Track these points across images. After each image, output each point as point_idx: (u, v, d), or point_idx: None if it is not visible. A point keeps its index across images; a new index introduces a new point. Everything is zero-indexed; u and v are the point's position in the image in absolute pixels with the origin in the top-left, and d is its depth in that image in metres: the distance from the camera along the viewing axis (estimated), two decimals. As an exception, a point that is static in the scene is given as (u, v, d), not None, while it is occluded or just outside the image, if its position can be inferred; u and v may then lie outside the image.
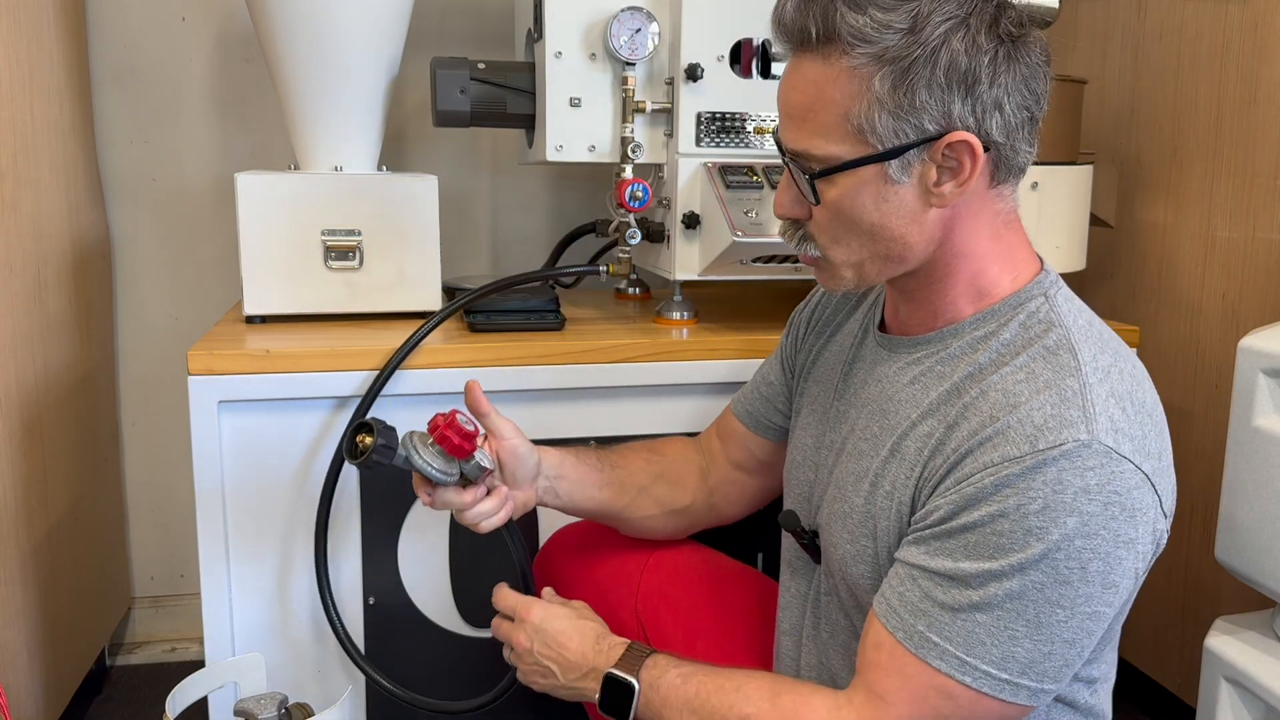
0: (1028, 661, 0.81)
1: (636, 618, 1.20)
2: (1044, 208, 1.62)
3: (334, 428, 1.34)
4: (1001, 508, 0.79)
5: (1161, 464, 0.83)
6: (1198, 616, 1.74)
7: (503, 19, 1.96)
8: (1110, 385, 0.83)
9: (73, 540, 1.70)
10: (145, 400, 1.98)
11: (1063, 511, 0.77)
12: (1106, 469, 0.78)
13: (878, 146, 0.83)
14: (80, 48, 1.80)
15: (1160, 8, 1.78)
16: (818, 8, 0.83)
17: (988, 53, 0.81)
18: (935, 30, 0.80)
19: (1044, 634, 0.80)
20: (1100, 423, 0.79)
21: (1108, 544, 0.78)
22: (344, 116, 1.52)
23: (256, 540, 1.34)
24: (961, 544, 0.81)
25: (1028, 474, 0.78)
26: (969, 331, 0.90)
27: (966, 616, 0.81)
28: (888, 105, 0.82)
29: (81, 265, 1.76)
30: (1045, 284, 0.90)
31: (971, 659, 0.81)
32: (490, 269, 2.08)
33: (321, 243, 1.46)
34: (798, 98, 0.86)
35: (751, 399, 1.19)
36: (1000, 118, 0.84)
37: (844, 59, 0.82)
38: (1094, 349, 0.85)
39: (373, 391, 1.30)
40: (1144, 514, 0.80)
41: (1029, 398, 0.82)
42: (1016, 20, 0.84)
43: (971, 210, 0.88)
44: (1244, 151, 1.62)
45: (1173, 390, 1.78)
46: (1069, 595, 0.79)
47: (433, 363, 1.34)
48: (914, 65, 0.81)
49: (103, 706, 1.87)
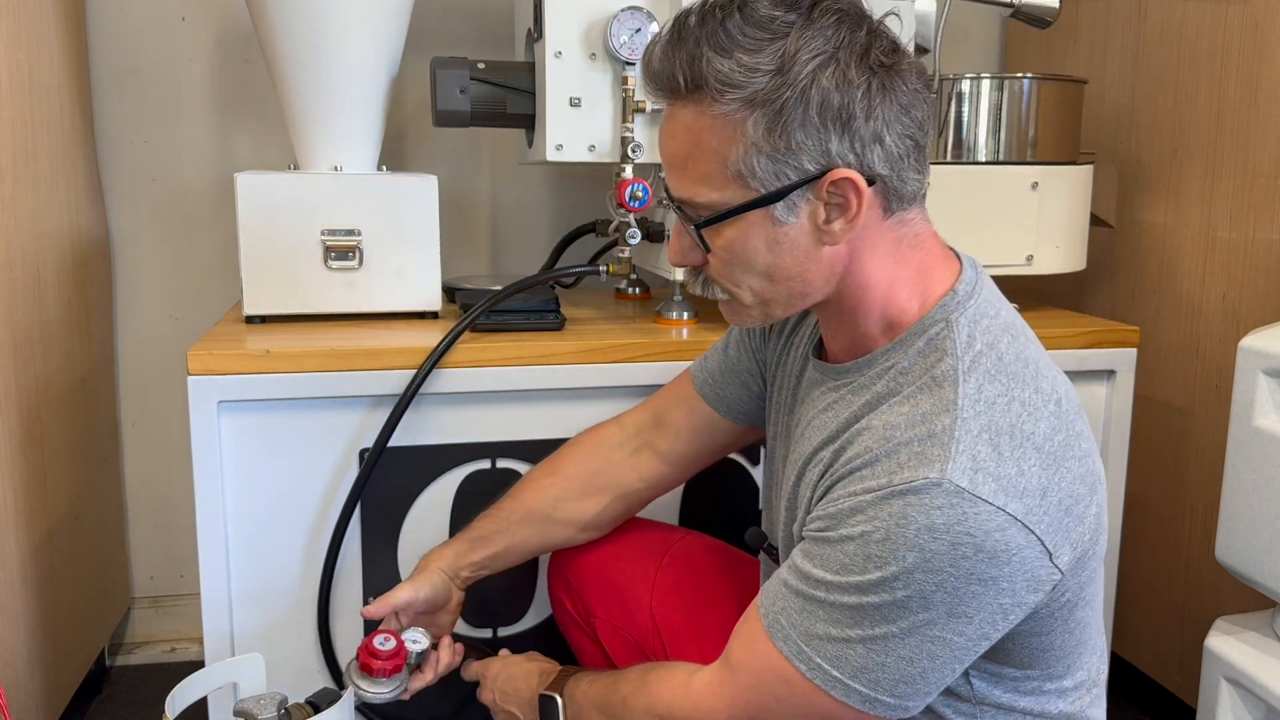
0: (860, 667, 0.81)
1: (651, 615, 1.20)
2: (1044, 208, 1.62)
3: (334, 428, 1.34)
4: (850, 531, 0.81)
5: (1046, 500, 0.79)
6: (1198, 616, 1.74)
7: (503, 19, 1.96)
8: (989, 419, 0.80)
9: (73, 540, 1.70)
10: (145, 400, 1.98)
11: (903, 546, 0.77)
12: (956, 509, 0.77)
13: (760, 190, 0.83)
14: (80, 48, 1.80)
15: (1160, 8, 1.78)
16: (684, 55, 0.82)
17: (860, 86, 0.80)
18: (804, 69, 0.79)
19: (877, 646, 0.81)
20: (959, 461, 0.78)
21: (956, 580, 0.78)
22: (344, 116, 1.52)
23: (256, 540, 1.34)
24: (819, 553, 0.83)
25: (876, 504, 0.79)
26: (880, 362, 0.89)
27: (811, 610, 0.83)
28: (764, 149, 0.81)
29: (81, 265, 1.76)
30: (950, 306, 0.88)
31: (808, 649, 0.83)
32: (490, 269, 2.08)
33: (321, 243, 1.46)
34: (675, 146, 0.86)
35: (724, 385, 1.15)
36: (881, 150, 0.82)
37: (715, 106, 0.81)
38: (981, 379, 0.83)
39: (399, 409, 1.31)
40: (1011, 555, 0.78)
41: (904, 431, 0.82)
42: (887, 49, 0.82)
43: (869, 242, 0.87)
44: (1244, 151, 1.62)
45: (1173, 390, 1.78)
46: (906, 618, 0.79)
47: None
48: (785, 107, 0.79)
49: (103, 706, 1.87)
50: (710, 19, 0.81)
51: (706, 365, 1.17)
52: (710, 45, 0.80)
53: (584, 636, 1.29)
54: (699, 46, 0.81)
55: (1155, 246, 1.81)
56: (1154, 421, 1.81)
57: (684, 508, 1.46)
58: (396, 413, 1.31)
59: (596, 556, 1.26)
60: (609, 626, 1.24)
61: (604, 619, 1.24)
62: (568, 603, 1.30)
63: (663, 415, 1.19)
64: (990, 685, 0.90)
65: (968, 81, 1.62)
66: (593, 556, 1.26)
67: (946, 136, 1.64)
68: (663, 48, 0.84)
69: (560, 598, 1.32)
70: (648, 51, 0.86)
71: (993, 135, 1.63)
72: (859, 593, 0.80)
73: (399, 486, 1.37)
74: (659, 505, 1.45)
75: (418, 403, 1.34)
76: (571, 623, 1.31)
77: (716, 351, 1.17)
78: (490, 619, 1.42)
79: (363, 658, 1.08)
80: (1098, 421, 1.58)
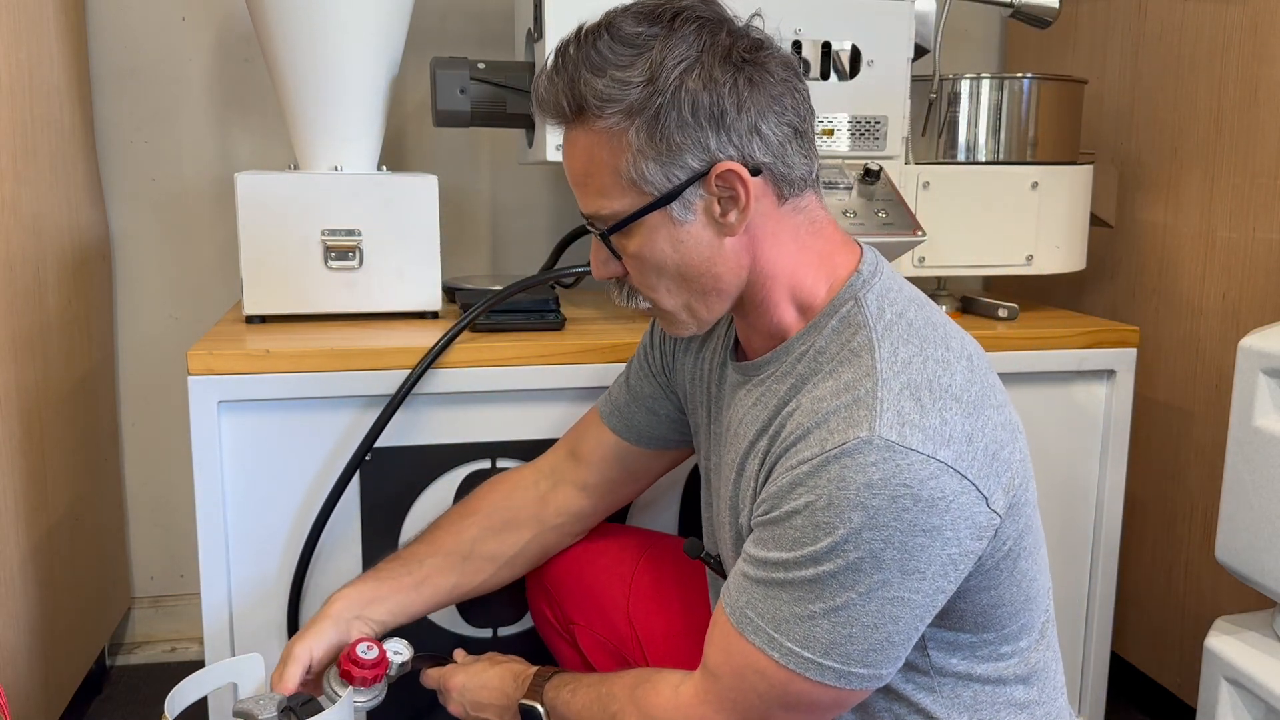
0: (829, 642, 0.83)
1: (629, 620, 1.20)
2: (1044, 208, 1.62)
3: (334, 428, 1.34)
4: (794, 505, 0.83)
5: (973, 446, 0.83)
6: (1198, 616, 1.74)
7: (503, 19, 1.96)
8: (908, 377, 0.85)
9: (73, 540, 1.70)
10: (145, 400, 1.98)
11: (847, 507, 0.80)
12: (890, 463, 0.80)
13: (654, 193, 0.88)
14: (80, 48, 1.80)
15: (1160, 8, 1.78)
16: (564, 81, 0.88)
17: (725, 84, 0.85)
18: (670, 75, 0.85)
19: (841, 616, 0.83)
20: (885, 418, 0.82)
21: (902, 534, 0.80)
22: (344, 116, 1.52)
23: (256, 540, 1.34)
24: (770, 535, 0.86)
25: (814, 472, 0.82)
26: (797, 347, 0.93)
27: (774, 595, 0.85)
28: (649, 154, 0.86)
29: (81, 265, 1.76)
30: (857, 285, 0.92)
31: (778, 635, 0.85)
32: (490, 269, 2.08)
33: (321, 243, 1.46)
34: (574, 165, 0.92)
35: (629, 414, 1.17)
36: (760, 140, 0.87)
37: (598, 122, 0.87)
38: (895, 343, 0.87)
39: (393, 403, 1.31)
40: (949, 501, 0.81)
41: (830, 402, 0.85)
42: (748, 46, 0.88)
43: (769, 230, 0.91)
44: (1244, 151, 1.62)
45: (1173, 390, 1.78)
46: (863, 581, 0.82)
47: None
48: (661, 112, 0.85)
49: (103, 706, 1.87)
50: (583, 44, 0.87)
51: (611, 397, 1.20)
52: (586, 67, 0.87)
53: (565, 644, 1.30)
54: (576, 70, 0.87)
55: (1155, 246, 1.81)
56: (1154, 421, 1.81)
57: (683, 511, 1.47)
58: (387, 412, 1.30)
59: (573, 564, 1.27)
60: (588, 633, 1.24)
61: (583, 626, 1.24)
62: (547, 611, 1.31)
63: (576, 449, 1.21)
64: (947, 655, 0.92)
65: (968, 81, 1.63)
66: (570, 564, 1.27)
67: (946, 136, 1.64)
68: (547, 77, 0.89)
69: (540, 607, 1.32)
70: (535, 83, 0.92)
71: (993, 135, 1.63)
72: (814, 564, 0.82)
73: (399, 486, 1.37)
74: (659, 512, 1.45)
75: (417, 402, 1.35)
76: (552, 631, 1.31)
77: (619, 384, 1.20)
78: (490, 619, 1.42)
79: (344, 665, 1.07)
80: (1097, 421, 1.58)
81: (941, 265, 1.61)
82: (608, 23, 0.88)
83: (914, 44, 1.57)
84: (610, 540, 1.28)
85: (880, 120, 1.56)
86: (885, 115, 1.56)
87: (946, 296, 1.71)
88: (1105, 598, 1.62)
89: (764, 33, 0.91)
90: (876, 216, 1.47)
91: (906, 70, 1.55)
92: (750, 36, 0.89)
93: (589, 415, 1.23)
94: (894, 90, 1.55)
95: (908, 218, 1.48)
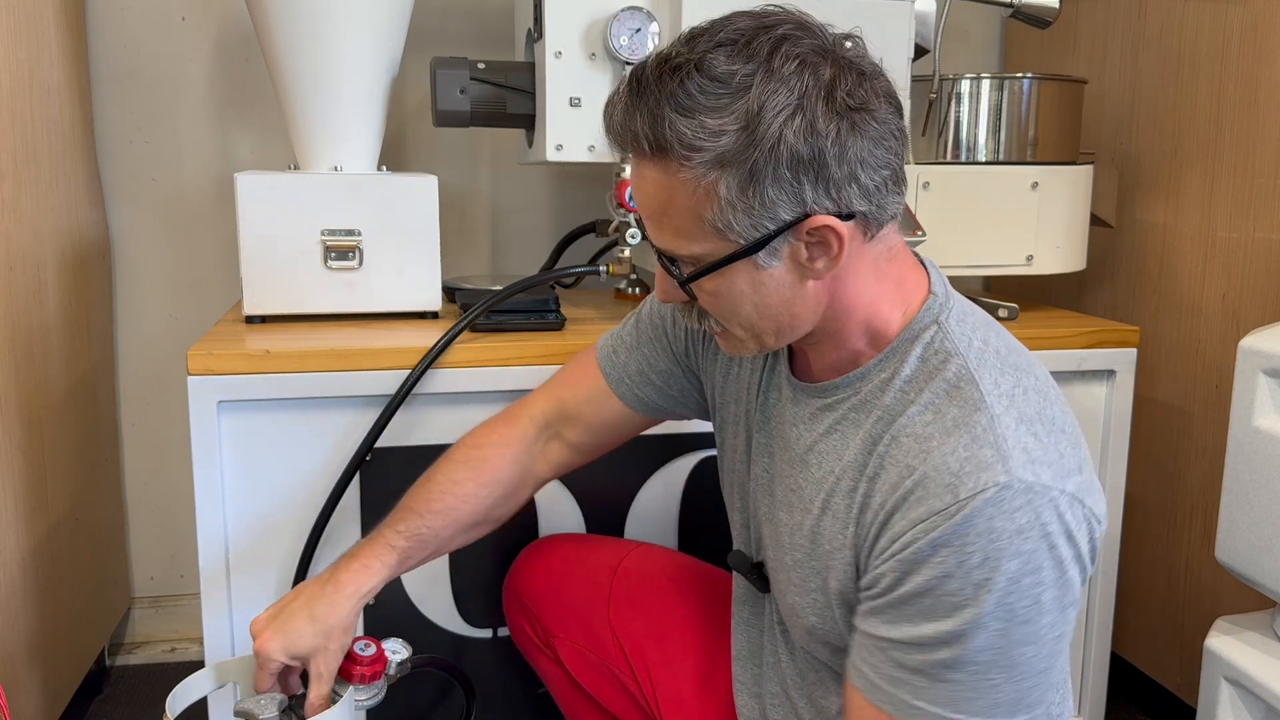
0: (1012, 703, 0.81)
1: (609, 628, 1.20)
2: (1044, 208, 1.62)
3: (334, 428, 1.34)
4: (945, 569, 0.78)
5: (1083, 475, 0.82)
6: (1198, 616, 1.74)
7: (503, 19, 1.96)
8: (1018, 410, 0.82)
9: (73, 540, 1.70)
10: (145, 400, 1.98)
11: (1003, 558, 0.77)
12: (1033, 505, 0.77)
13: (739, 242, 0.82)
14: (80, 48, 1.80)
15: (1160, 8, 1.78)
16: (645, 116, 0.80)
17: (828, 135, 0.78)
18: (769, 126, 0.77)
19: (1020, 672, 0.80)
20: (1015, 458, 0.78)
21: (1054, 572, 0.78)
22: (344, 116, 1.52)
23: (256, 540, 1.34)
24: (917, 609, 0.80)
25: (959, 529, 0.77)
26: (875, 375, 0.89)
27: (944, 677, 0.80)
28: (738, 206, 0.80)
29: (81, 265, 1.76)
30: (935, 309, 0.89)
31: (959, 715, 0.80)
32: (490, 269, 2.08)
33: (321, 243, 1.46)
34: (649, 202, 0.85)
35: (641, 386, 1.12)
36: (857, 188, 0.81)
37: (683, 170, 0.79)
38: (994, 373, 0.84)
39: (393, 403, 1.30)
40: (1079, 529, 0.80)
41: (940, 441, 0.81)
42: (854, 84, 0.80)
43: (852, 269, 0.86)
44: (1244, 151, 1.62)
45: (1173, 390, 1.78)
46: (1033, 632, 0.79)
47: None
48: (755, 165, 0.78)
49: (103, 706, 1.87)
50: (669, 78, 0.79)
51: (619, 363, 1.13)
52: (671, 106, 0.78)
53: (546, 659, 1.28)
54: (660, 107, 0.79)
55: (1155, 246, 1.81)
56: (1154, 422, 1.81)
57: (683, 511, 1.47)
58: (387, 412, 1.30)
59: (550, 576, 1.26)
60: (570, 646, 1.23)
61: (564, 638, 1.23)
62: (526, 626, 1.29)
63: (573, 410, 1.15)
64: None
65: (968, 81, 1.62)
66: (546, 576, 1.26)
67: (946, 136, 1.64)
68: (624, 107, 0.82)
69: (518, 623, 1.31)
70: (609, 107, 0.84)
71: (993, 135, 1.63)
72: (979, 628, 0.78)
73: (399, 486, 1.36)
74: (660, 518, 1.45)
75: (418, 402, 1.35)
76: (532, 646, 1.30)
77: (628, 350, 1.14)
78: (490, 619, 1.42)
79: (343, 664, 1.06)
80: (1098, 421, 1.58)
81: (942, 265, 1.58)
82: (698, 59, 0.79)
83: (914, 44, 1.57)
84: (585, 551, 1.27)
85: (880, 120, 1.55)
86: (885, 115, 1.55)
87: (946, 296, 1.71)
88: (1105, 598, 1.62)
89: (867, 54, 0.84)
90: (876, 216, 1.46)
91: (907, 70, 1.55)
92: (854, 65, 0.81)
93: (588, 374, 1.15)
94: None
95: (908, 218, 1.48)
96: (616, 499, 1.44)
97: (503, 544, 1.40)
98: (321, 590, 1.04)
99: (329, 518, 1.32)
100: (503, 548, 1.40)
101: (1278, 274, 1.56)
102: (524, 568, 1.31)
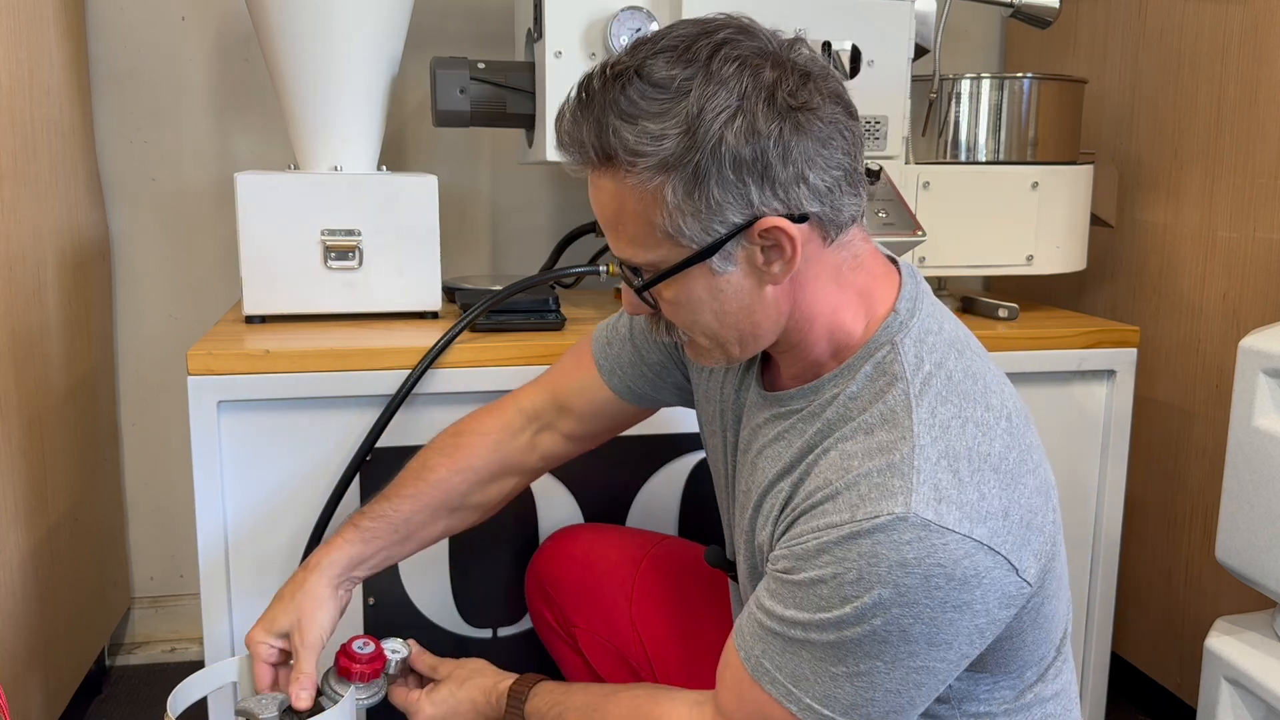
0: (850, 703, 0.81)
1: (631, 622, 1.20)
2: (1044, 208, 1.62)
3: (334, 428, 1.34)
4: (820, 573, 0.80)
5: (1008, 520, 0.80)
6: (1198, 616, 1.74)
7: (503, 19, 1.96)
8: (946, 444, 0.80)
9: (73, 540, 1.70)
10: (145, 400, 1.98)
11: (876, 583, 0.77)
12: (925, 543, 0.76)
13: (692, 247, 0.82)
14: (80, 48, 1.80)
15: (1160, 8, 1.78)
16: (590, 126, 0.80)
17: (770, 135, 0.78)
18: (710, 128, 0.77)
19: (864, 681, 0.80)
20: (921, 493, 0.78)
21: (931, 610, 0.78)
22: (343, 116, 1.52)
23: (256, 540, 1.34)
24: (791, 595, 0.82)
25: (844, 543, 0.78)
26: (828, 388, 0.89)
27: (794, 652, 0.82)
28: (686, 210, 0.80)
29: (81, 265, 1.76)
30: (894, 328, 0.87)
31: (797, 690, 0.82)
32: (490, 269, 2.08)
33: (321, 243, 1.46)
34: (604, 211, 0.85)
35: (633, 377, 1.13)
36: (807, 188, 0.80)
37: (629, 176, 0.80)
38: (934, 402, 0.83)
39: (393, 403, 1.30)
40: (982, 577, 0.78)
41: (860, 462, 0.81)
42: (796, 85, 0.79)
43: (812, 274, 0.86)
44: (1244, 151, 1.62)
45: (1173, 390, 1.78)
46: (888, 652, 0.79)
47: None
48: (699, 168, 0.78)
49: (103, 706, 1.87)
50: (612, 86, 0.79)
51: (612, 354, 1.13)
52: (614, 113, 0.79)
53: (566, 647, 1.29)
54: (604, 115, 0.79)
55: (1155, 246, 1.81)
56: (1154, 421, 1.81)
57: (683, 511, 1.46)
58: (387, 412, 1.31)
59: (573, 566, 1.26)
60: (590, 636, 1.23)
61: (584, 629, 1.24)
62: (547, 614, 1.30)
63: (565, 400, 1.15)
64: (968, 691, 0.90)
65: (968, 81, 1.62)
66: (570, 566, 1.26)
67: (946, 136, 1.64)
68: (570, 117, 0.82)
69: (539, 609, 1.32)
70: (558, 118, 0.84)
71: (993, 135, 1.63)
72: (837, 628, 0.79)
73: (399, 486, 1.37)
74: (660, 518, 1.45)
75: (418, 402, 1.35)
76: (552, 634, 1.30)
77: (621, 341, 1.13)
78: (490, 619, 1.42)
79: (341, 661, 1.07)
80: (1098, 421, 1.58)
81: (942, 265, 1.61)
82: (638, 64, 0.79)
83: (914, 44, 1.57)
84: (610, 542, 1.27)
85: (880, 120, 1.56)
86: (885, 115, 1.56)
87: (947, 296, 1.71)
88: (1105, 598, 1.62)
89: (812, 54, 0.83)
90: (877, 216, 1.47)
91: (907, 70, 1.56)
92: (797, 67, 0.81)
93: (581, 364, 1.16)
94: (894, 90, 1.55)
95: (908, 218, 1.48)
96: (617, 498, 1.44)
97: (503, 544, 1.40)
98: (294, 575, 1.10)
99: (329, 518, 1.32)
100: (503, 548, 1.40)
101: (1278, 274, 1.56)
102: (549, 555, 1.31)
